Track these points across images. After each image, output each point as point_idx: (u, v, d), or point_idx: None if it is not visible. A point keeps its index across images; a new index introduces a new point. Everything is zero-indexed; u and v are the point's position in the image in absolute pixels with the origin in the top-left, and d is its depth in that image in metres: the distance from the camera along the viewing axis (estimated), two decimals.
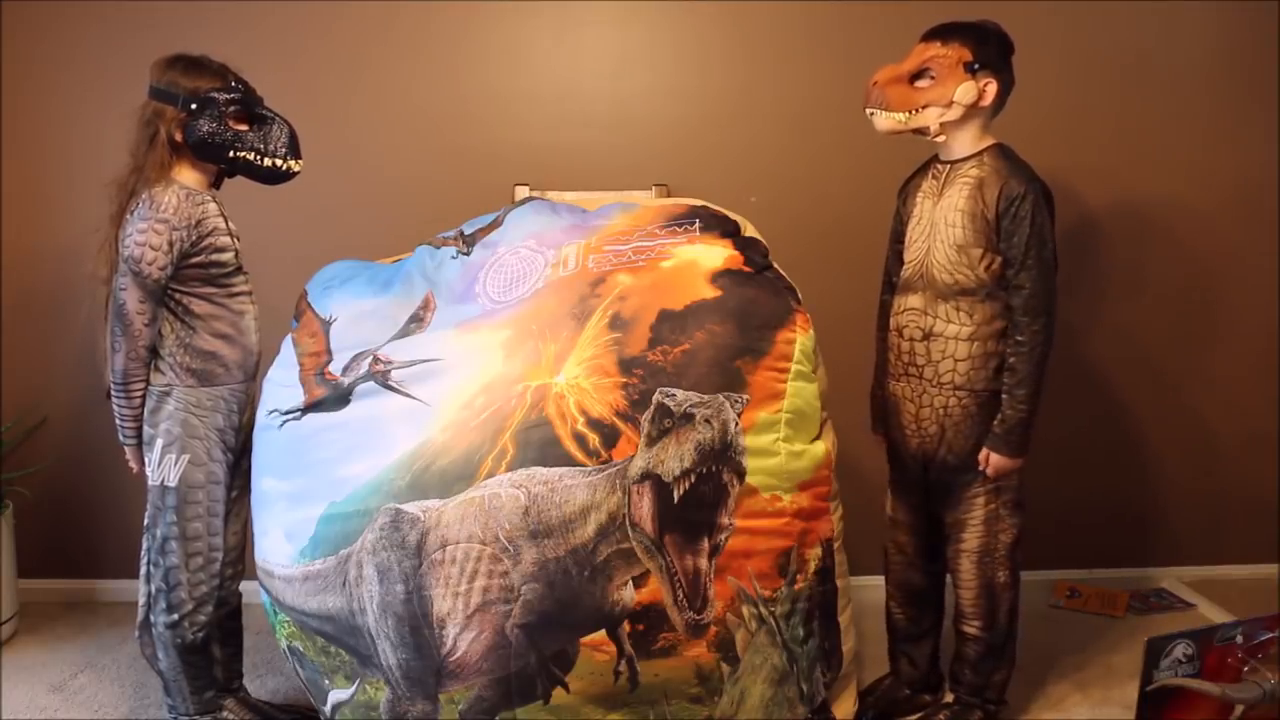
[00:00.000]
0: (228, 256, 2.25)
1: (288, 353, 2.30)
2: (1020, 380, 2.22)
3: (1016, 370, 2.23)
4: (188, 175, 2.23)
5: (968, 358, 2.27)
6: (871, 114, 2.28)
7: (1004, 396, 2.25)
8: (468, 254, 2.38)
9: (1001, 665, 2.42)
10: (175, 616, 2.26)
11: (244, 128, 2.22)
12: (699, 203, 2.35)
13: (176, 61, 2.20)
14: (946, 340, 2.28)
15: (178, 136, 2.18)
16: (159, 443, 2.23)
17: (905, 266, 2.37)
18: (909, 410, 2.36)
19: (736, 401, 2.02)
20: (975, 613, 2.38)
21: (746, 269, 2.17)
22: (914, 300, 2.34)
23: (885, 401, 2.44)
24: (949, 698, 2.51)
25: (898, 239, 2.44)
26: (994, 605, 2.36)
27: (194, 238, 2.18)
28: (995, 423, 2.26)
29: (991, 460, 2.27)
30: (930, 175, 2.36)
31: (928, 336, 2.31)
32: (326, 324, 2.31)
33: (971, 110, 2.24)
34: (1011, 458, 2.26)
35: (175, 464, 2.23)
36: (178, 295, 2.21)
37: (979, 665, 2.41)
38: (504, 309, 2.20)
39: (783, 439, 2.07)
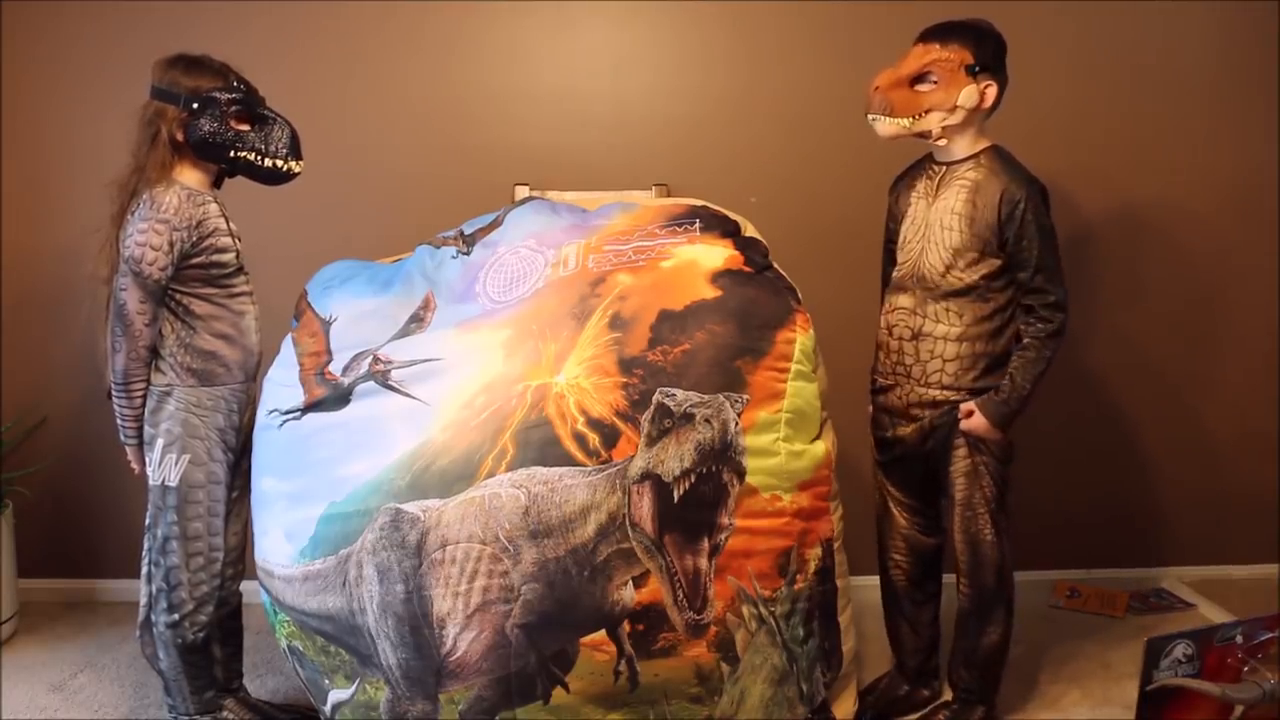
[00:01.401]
0: (229, 257, 2.25)
1: (288, 352, 2.30)
2: (1032, 361, 2.23)
3: (1030, 349, 2.23)
4: (189, 175, 2.23)
5: (956, 358, 2.28)
6: (874, 120, 2.26)
7: (1011, 370, 2.24)
8: (468, 254, 2.38)
9: (989, 627, 2.38)
10: (176, 616, 2.26)
11: (245, 128, 2.22)
12: (699, 203, 2.35)
13: (178, 61, 2.20)
14: (935, 340, 2.29)
15: (179, 136, 2.18)
16: (160, 442, 2.23)
17: (898, 266, 2.37)
18: (898, 407, 2.37)
19: (736, 401, 2.02)
20: (964, 568, 2.37)
21: (747, 269, 2.17)
22: (904, 300, 2.34)
23: (874, 396, 2.45)
24: (948, 695, 2.51)
25: (890, 238, 2.44)
26: (978, 561, 2.34)
27: (194, 238, 2.18)
28: (995, 390, 2.25)
29: (974, 420, 2.26)
30: (925, 175, 2.35)
31: (916, 336, 2.31)
32: (326, 324, 2.31)
33: (972, 113, 2.24)
34: (993, 426, 2.25)
35: (176, 464, 2.23)
36: (178, 295, 2.21)
37: (967, 625, 2.40)
38: (504, 309, 2.20)
39: (783, 439, 2.08)
